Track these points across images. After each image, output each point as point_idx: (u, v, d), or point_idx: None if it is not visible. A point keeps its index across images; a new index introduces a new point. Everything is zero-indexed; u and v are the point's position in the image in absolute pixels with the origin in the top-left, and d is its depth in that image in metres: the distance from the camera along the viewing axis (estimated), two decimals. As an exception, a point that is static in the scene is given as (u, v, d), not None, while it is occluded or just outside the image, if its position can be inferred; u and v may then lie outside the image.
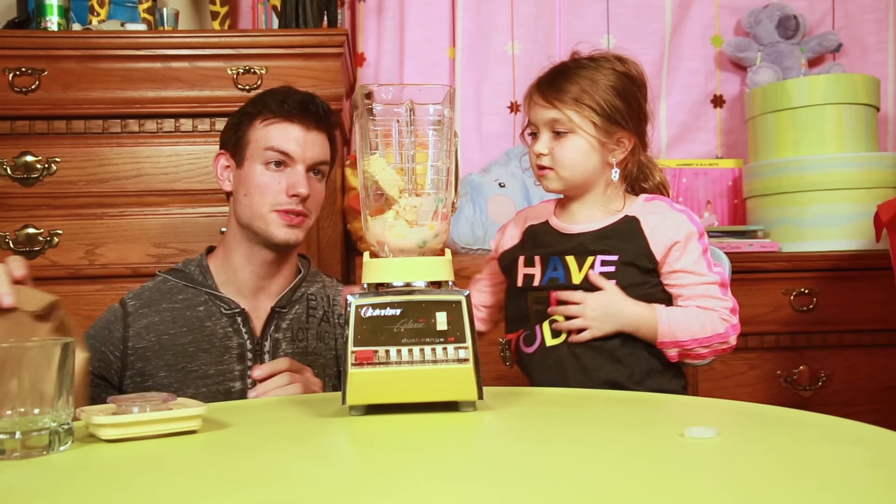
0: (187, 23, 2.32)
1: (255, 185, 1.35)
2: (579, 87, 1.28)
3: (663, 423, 0.90)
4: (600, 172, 1.31)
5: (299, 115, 1.36)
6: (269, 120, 1.36)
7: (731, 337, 1.28)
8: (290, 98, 1.37)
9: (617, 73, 1.30)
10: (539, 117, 1.30)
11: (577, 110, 1.27)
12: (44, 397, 0.77)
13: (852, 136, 2.15)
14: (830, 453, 0.72)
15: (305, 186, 1.35)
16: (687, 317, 1.26)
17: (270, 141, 1.35)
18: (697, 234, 1.29)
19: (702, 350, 1.27)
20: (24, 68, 1.89)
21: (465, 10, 2.46)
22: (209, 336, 1.35)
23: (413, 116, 0.97)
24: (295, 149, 1.35)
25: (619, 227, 1.30)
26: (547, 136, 1.30)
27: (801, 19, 2.45)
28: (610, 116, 1.28)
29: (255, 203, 1.35)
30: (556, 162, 1.29)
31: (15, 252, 1.88)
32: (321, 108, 1.40)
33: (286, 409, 1.01)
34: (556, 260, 1.30)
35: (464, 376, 0.91)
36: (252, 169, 1.36)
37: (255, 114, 1.37)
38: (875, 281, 2.01)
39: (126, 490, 0.65)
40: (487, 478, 0.66)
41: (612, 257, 1.27)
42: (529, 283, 1.31)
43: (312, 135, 1.38)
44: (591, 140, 1.28)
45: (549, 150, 1.29)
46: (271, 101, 1.37)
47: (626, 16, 2.51)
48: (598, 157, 1.30)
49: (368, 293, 0.93)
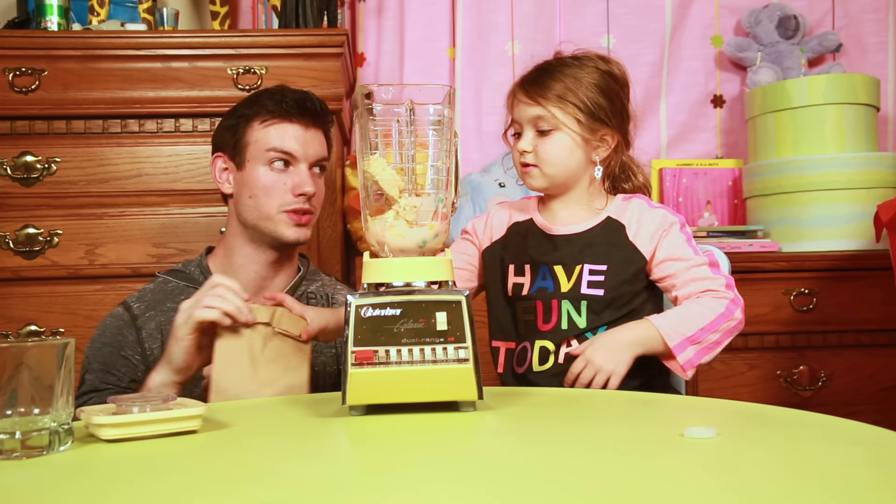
0: (187, 23, 2.32)
1: (261, 186, 1.35)
2: (563, 84, 1.28)
3: (663, 423, 0.90)
4: (584, 170, 1.31)
5: (297, 113, 1.36)
6: (268, 121, 1.36)
7: (735, 311, 1.24)
8: (286, 97, 1.37)
9: (600, 72, 1.30)
10: (522, 115, 1.30)
11: (561, 107, 1.27)
12: (44, 397, 0.77)
13: (852, 136, 2.15)
14: (830, 453, 0.71)
15: (312, 185, 1.36)
16: (683, 312, 1.24)
17: (272, 142, 1.35)
18: (679, 224, 1.29)
19: (714, 336, 1.22)
20: (24, 68, 1.89)
21: (465, 10, 2.46)
22: (212, 336, 1.35)
23: (413, 116, 0.97)
24: (297, 148, 1.35)
25: (603, 232, 1.30)
26: (531, 133, 1.30)
27: (801, 19, 2.45)
28: (593, 114, 1.28)
29: (263, 205, 1.35)
30: (539, 159, 1.29)
31: (15, 252, 1.88)
32: (318, 105, 1.40)
33: (286, 409, 1.01)
34: (545, 269, 1.30)
35: (464, 376, 0.91)
36: (255, 171, 1.35)
37: (252, 115, 1.37)
38: (875, 281, 2.01)
39: (126, 490, 0.65)
40: (487, 478, 0.66)
41: (601, 266, 1.27)
42: (518, 293, 1.31)
43: (312, 132, 1.38)
44: (574, 137, 1.28)
45: (533, 148, 1.29)
46: (267, 101, 1.37)
47: (626, 16, 2.51)
48: (582, 155, 1.30)
49: (368, 293, 0.93)
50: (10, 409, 0.75)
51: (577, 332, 1.26)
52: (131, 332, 1.35)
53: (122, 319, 1.36)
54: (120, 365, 1.33)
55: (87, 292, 1.90)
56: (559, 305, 1.27)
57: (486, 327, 1.34)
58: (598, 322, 1.26)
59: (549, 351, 1.27)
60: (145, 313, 1.36)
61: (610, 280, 1.26)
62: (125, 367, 1.33)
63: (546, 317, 1.28)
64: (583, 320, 1.26)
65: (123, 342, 1.34)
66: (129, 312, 1.37)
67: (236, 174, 1.38)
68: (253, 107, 1.38)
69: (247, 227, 1.37)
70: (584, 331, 1.26)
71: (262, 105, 1.37)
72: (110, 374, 1.33)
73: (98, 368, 1.33)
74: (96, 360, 1.34)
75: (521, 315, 1.31)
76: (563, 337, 1.26)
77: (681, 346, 1.21)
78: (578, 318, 1.26)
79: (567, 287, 1.28)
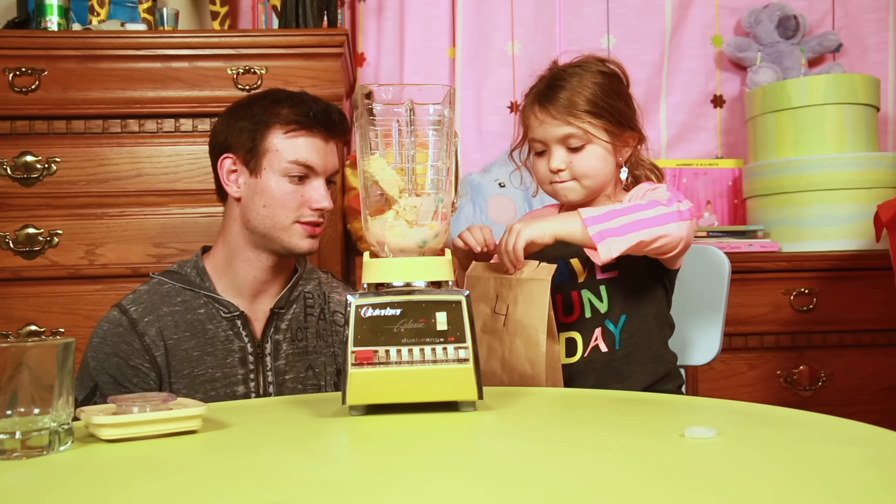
0: (187, 23, 2.32)
1: (278, 197, 1.32)
2: (585, 97, 1.28)
3: (663, 423, 0.90)
4: (614, 174, 1.33)
5: (321, 126, 1.33)
6: (291, 130, 1.32)
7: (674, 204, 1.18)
8: (311, 108, 1.33)
9: (607, 76, 1.31)
10: (549, 134, 1.29)
11: (591, 122, 1.27)
12: (44, 397, 0.77)
13: (852, 136, 2.15)
14: (830, 453, 0.71)
15: (329, 200, 1.34)
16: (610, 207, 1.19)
17: (296, 154, 1.31)
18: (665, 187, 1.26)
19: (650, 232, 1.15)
20: (24, 68, 1.89)
21: (465, 10, 2.46)
22: (212, 339, 1.33)
23: (413, 116, 0.97)
24: (318, 161, 1.33)
25: None
26: (561, 151, 1.29)
27: (801, 19, 2.45)
28: (620, 121, 1.30)
29: (278, 215, 1.32)
30: (577, 174, 1.30)
31: (15, 252, 1.88)
32: (338, 116, 1.37)
33: (286, 409, 1.01)
34: (562, 264, 1.30)
35: (464, 376, 0.91)
36: (271, 180, 1.32)
37: (273, 122, 1.32)
38: (875, 281, 2.01)
39: (126, 490, 0.65)
40: (487, 478, 0.66)
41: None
42: None
43: (331, 145, 1.36)
44: (606, 146, 1.30)
45: (567, 165, 1.29)
46: (290, 109, 1.32)
47: (626, 16, 2.51)
48: (613, 160, 1.32)
49: (368, 293, 0.93)
50: (10, 409, 0.75)
51: (602, 318, 1.28)
52: (134, 339, 1.31)
53: (122, 325, 1.32)
54: (131, 375, 1.30)
55: (87, 292, 1.90)
56: (579, 296, 1.29)
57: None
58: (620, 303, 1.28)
59: (577, 342, 1.29)
60: (144, 318, 1.32)
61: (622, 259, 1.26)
62: (136, 377, 1.30)
63: (567, 309, 1.30)
64: (604, 305, 1.28)
65: (130, 351, 1.31)
66: (126, 316, 1.32)
67: (249, 179, 1.34)
68: (274, 113, 1.33)
69: (254, 234, 1.35)
70: (606, 314, 1.28)
71: (285, 113, 1.32)
72: (122, 386, 1.30)
73: (109, 381, 1.30)
74: (105, 373, 1.30)
75: None
76: (590, 326, 1.28)
77: (604, 235, 1.15)
78: (600, 303, 1.28)
79: (583, 277, 1.30)
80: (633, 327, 1.28)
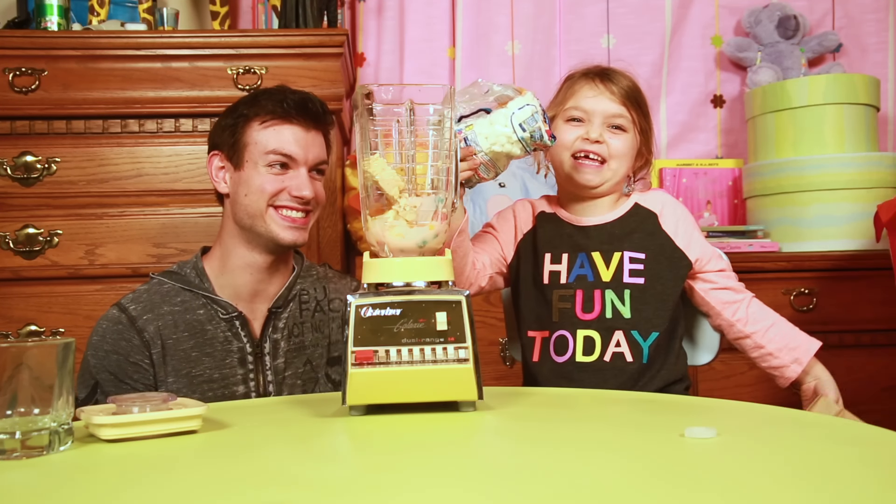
0: (187, 23, 2.32)
1: (258, 185, 1.33)
2: (641, 96, 1.33)
3: (663, 423, 0.90)
4: (625, 177, 1.34)
5: (298, 115, 1.34)
6: (268, 121, 1.34)
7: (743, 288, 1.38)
8: (287, 98, 1.35)
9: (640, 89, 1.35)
10: (601, 107, 1.30)
11: (637, 113, 1.31)
12: (44, 397, 0.77)
13: (852, 136, 2.15)
14: (830, 453, 0.72)
15: (310, 189, 1.34)
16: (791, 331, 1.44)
17: (271, 144, 1.33)
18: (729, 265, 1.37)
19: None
20: (24, 68, 1.89)
21: (465, 10, 2.46)
22: (210, 340, 1.33)
23: (413, 116, 0.97)
24: (297, 151, 1.34)
25: (635, 219, 1.32)
26: (601, 126, 1.30)
27: (801, 19, 2.45)
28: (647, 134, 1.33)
29: (257, 202, 1.33)
30: (610, 153, 1.29)
31: (15, 252, 1.88)
32: (319, 106, 1.38)
33: (286, 409, 1.01)
34: (583, 257, 1.30)
35: (464, 376, 0.91)
36: (253, 172, 1.34)
37: (252, 115, 1.35)
38: (875, 281, 2.01)
39: (126, 490, 0.65)
40: (487, 478, 0.66)
41: (640, 255, 1.28)
42: (556, 281, 1.31)
43: (312, 134, 1.36)
44: (636, 143, 1.32)
45: (604, 140, 1.30)
46: (268, 101, 1.35)
47: (626, 16, 2.51)
48: (631, 162, 1.33)
49: (368, 293, 0.93)
50: (10, 409, 0.75)
51: (624, 323, 1.27)
52: (133, 335, 1.31)
53: (121, 323, 1.32)
54: (132, 372, 1.30)
55: (87, 292, 1.90)
56: (602, 295, 1.28)
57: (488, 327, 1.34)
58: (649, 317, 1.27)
59: (595, 342, 1.27)
60: (143, 315, 1.33)
61: (649, 268, 1.28)
62: (137, 373, 1.31)
63: (587, 306, 1.28)
64: (627, 310, 1.27)
65: (129, 348, 1.31)
66: (125, 314, 1.32)
67: (233, 174, 1.36)
68: (253, 107, 1.35)
69: (243, 229, 1.35)
70: (631, 322, 1.27)
71: (262, 105, 1.34)
72: (124, 383, 1.30)
73: (109, 379, 1.30)
74: (105, 370, 1.30)
75: (557, 303, 1.30)
76: (610, 327, 1.27)
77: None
78: (623, 307, 1.27)
79: (608, 276, 1.28)
80: (664, 345, 1.28)
